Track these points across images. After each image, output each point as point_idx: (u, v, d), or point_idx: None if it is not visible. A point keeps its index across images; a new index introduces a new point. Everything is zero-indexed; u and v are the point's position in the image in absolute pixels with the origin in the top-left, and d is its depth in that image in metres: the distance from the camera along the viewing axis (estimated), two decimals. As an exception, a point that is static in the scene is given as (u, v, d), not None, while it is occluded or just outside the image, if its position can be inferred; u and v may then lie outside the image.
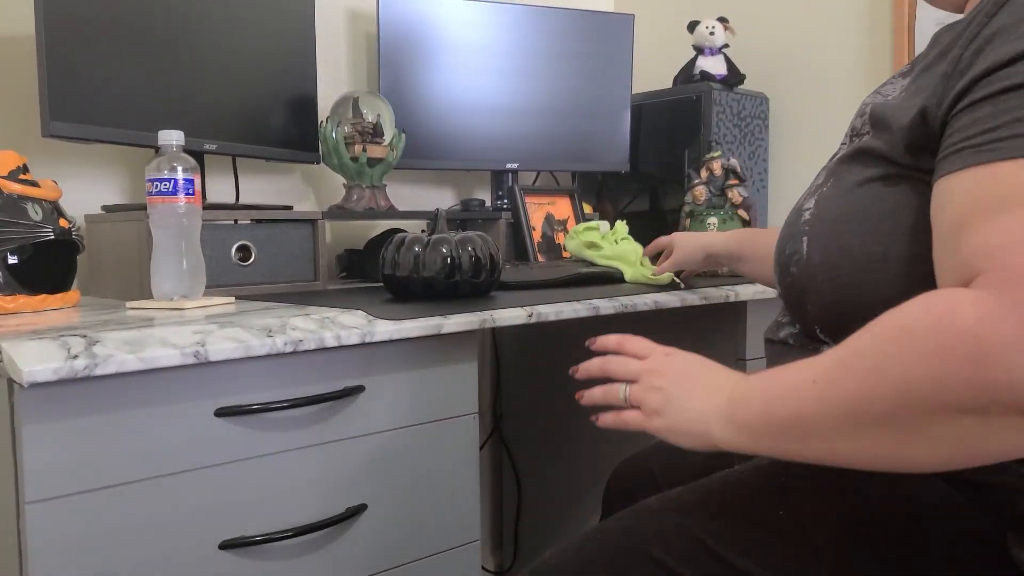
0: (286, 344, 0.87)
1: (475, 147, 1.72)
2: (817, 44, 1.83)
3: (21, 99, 1.29)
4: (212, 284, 1.14)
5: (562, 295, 1.15)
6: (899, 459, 0.55)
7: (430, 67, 1.65)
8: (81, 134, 1.13)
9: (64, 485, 0.77)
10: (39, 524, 0.76)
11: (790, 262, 0.74)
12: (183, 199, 1.00)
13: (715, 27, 1.79)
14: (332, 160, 1.46)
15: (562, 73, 1.79)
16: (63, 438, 0.77)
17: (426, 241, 1.07)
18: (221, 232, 1.19)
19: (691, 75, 1.80)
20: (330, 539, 0.95)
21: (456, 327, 0.99)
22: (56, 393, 0.76)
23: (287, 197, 1.63)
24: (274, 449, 0.90)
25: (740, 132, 1.80)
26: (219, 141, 1.31)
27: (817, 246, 0.71)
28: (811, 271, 0.71)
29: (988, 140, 0.56)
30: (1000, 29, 0.59)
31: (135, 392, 0.81)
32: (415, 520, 1.02)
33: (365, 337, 0.93)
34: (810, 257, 0.71)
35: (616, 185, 1.96)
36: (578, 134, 1.82)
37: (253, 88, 1.38)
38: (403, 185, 1.79)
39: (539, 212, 1.75)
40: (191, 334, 0.82)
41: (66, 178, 1.34)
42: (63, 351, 0.74)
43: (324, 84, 1.61)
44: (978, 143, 0.57)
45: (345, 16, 1.71)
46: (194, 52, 1.27)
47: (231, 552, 0.87)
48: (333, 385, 0.94)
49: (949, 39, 0.65)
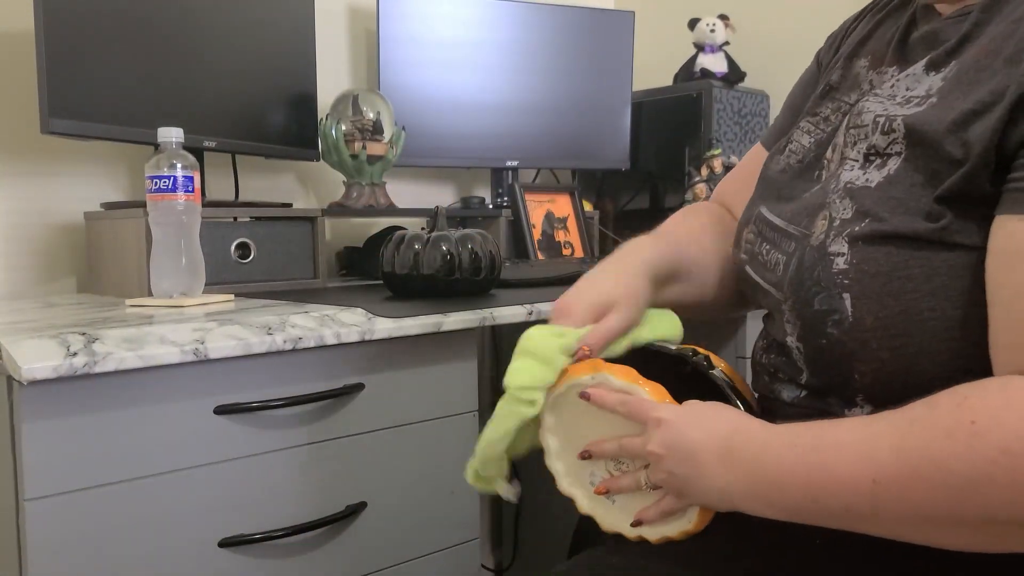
0: (285, 342, 0.87)
1: (475, 144, 1.72)
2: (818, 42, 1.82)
3: (20, 96, 1.29)
4: (211, 282, 1.14)
5: (562, 293, 1.14)
6: (958, 546, 0.52)
7: (430, 64, 1.65)
8: (80, 131, 1.12)
9: (63, 482, 0.77)
10: (38, 521, 0.76)
11: (825, 321, 0.62)
12: (182, 196, 1.00)
13: (716, 24, 1.79)
14: (332, 157, 1.46)
15: (562, 70, 1.79)
16: (62, 436, 0.76)
17: (426, 239, 1.07)
18: (220, 229, 1.19)
19: (691, 72, 1.80)
20: (330, 537, 0.95)
21: (456, 325, 0.99)
22: (55, 391, 0.76)
23: (286, 194, 1.63)
24: (274, 447, 0.90)
25: (741, 130, 1.80)
26: (218, 138, 1.31)
27: (868, 307, 0.59)
28: (862, 336, 0.59)
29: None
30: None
31: (134, 390, 0.80)
32: (415, 518, 1.02)
33: (365, 335, 0.92)
34: (859, 320, 0.59)
35: (616, 183, 1.96)
36: (578, 131, 1.82)
37: (253, 85, 1.37)
38: (403, 182, 1.79)
39: (539, 210, 1.75)
40: (190, 332, 0.82)
41: (65, 175, 1.34)
42: (62, 349, 0.74)
43: (324, 81, 1.60)
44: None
45: (345, 13, 1.71)
46: (194, 49, 1.27)
47: (231, 550, 0.87)
48: (333, 383, 0.94)
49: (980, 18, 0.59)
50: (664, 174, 1.85)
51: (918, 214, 0.58)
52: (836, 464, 0.53)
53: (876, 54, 0.75)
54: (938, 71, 0.64)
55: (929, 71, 0.65)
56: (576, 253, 1.75)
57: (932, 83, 0.63)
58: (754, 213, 0.76)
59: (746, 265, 0.76)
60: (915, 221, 0.57)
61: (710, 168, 1.58)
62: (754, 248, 0.74)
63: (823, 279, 0.61)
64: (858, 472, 0.51)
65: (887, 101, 0.66)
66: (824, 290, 0.61)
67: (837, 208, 0.64)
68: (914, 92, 0.64)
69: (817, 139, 0.75)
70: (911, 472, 0.50)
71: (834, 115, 0.75)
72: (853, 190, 0.63)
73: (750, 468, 0.57)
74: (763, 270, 0.72)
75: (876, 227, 0.59)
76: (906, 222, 0.58)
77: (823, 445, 0.54)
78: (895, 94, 0.67)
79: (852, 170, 0.65)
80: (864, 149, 0.65)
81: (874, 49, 0.76)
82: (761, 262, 0.72)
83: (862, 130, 0.67)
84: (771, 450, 0.57)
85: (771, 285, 0.70)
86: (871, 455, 0.51)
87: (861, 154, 0.66)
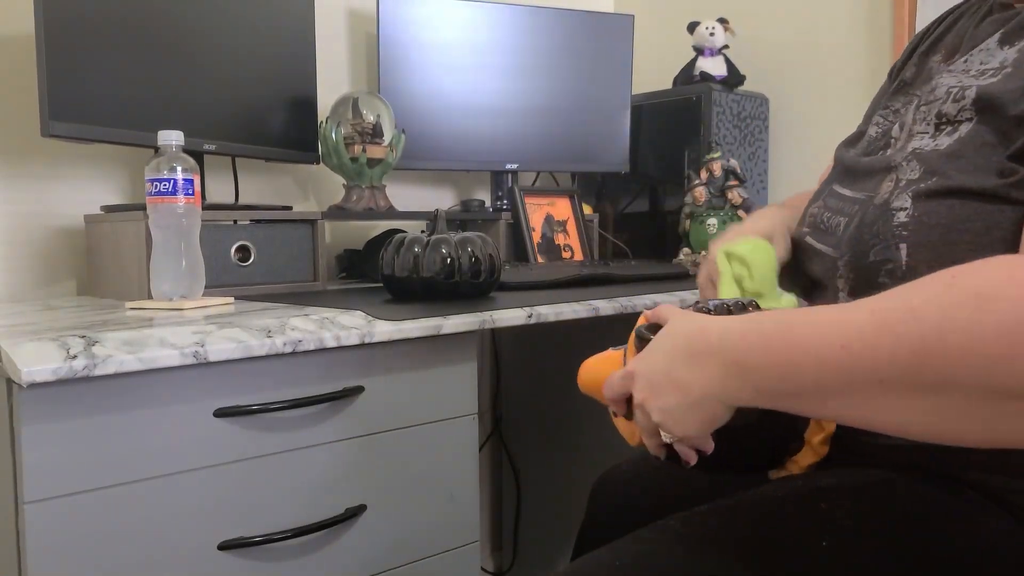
0: (285, 344, 0.87)
1: (475, 148, 1.72)
2: (817, 45, 1.83)
3: (21, 99, 1.29)
4: (211, 284, 1.14)
5: (562, 296, 1.15)
6: (929, 432, 0.49)
7: (430, 67, 1.65)
8: (80, 134, 1.12)
9: (63, 485, 0.77)
10: (38, 524, 0.75)
11: (879, 271, 0.63)
12: (182, 199, 1.00)
13: (715, 28, 1.79)
14: (332, 160, 1.46)
15: (562, 74, 1.79)
16: (62, 438, 0.76)
17: (426, 242, 1.07)
18: (220, 232, 1.19)
19: (691, 76, 1.80)
20: (329, 540, 0.95)
21: (456, 328, 0.99)
22: (55, 393, 0.76)
23: (286, 197, 1.63)
24: (273, 449, 0.90)
25: (740, 133, 1.80)
26: (218, 141, 1.31)
27: (923, 256, 0.60)
28: None
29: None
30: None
31: (134, 392, 0.80)
32: (414, 521, 1.02)
33: (364, 338, 0.92)
34: (912, 269, 0.60)
35: (616, 186, 1.96)
36: (578, 135, 1.82)
37: (253, 88, 1.38)
38: (403, 185, 1.79)
39: (539, 213, 1.75)
40: (190, 334, 0.82)
41: (65, 178, 1.34)
42: (62, 351, 0.74)
43: (324, 84, 1.61)
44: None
45: (345, 16, 1.71)
46: (194, 52, 1.27)
47: (230, 553, 0.87)
48: (332, 386, 0.94)
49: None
50: (664, 177, 1.85)
51: (989, 171, 0.58)
52: (805, 333, 0.52)
53: (949, 48, 0.75)
54: (1012, 45, 0.64)
55: (1003, 45, 0.65)
56: (576, 256, 1.75)
57: (1007, 56, 0.64)
58: (824, 191, 0.79)
59: (807, 236, 0.78)
60: (985, 178, 0.58)
61: (709, 171, 1.58)
62: (817, 220, 0.77)
63: (882, 232, 0.63)
64: (827, 340, 0.50)
65: (961, 75, 0.67)
66: (882, 242, 0.62)
67: (904, 170, 0.65)
68: (988, 65, 0.65)
69: (886, 129, 0.77)
70: (879, 325, 0.48)
71: (904, 108, 0.76)
72: (922, 154, 0.65)
73: (724, 360, 0.56)
74: (823, 236, 0.74)
75: (942, 183, 0.60)
76: (974, 178, 0.59)
77: (802, 322, 0.53)
78: (969, 68, 0.67)
79: (922, 139, 0.66)
80: (934, 119, 0.66)
81: (948, 44, 0.76)
82: (823, 229, 0.75)
83: (933, 105, 0.67)
84: (731, 335, 0.56)
85: (829, 247, 0.71)
86: (844, 321, 0.50)
87: (932, 124, 0.67)
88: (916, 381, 0.46)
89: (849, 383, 0.49)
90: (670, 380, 0.60)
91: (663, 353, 0.61)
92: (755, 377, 0.55)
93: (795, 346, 0.52)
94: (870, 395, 0.49)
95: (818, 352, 0.50)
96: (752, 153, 1.83)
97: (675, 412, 0.60)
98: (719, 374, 0.57)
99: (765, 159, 1.87)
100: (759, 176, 1.86)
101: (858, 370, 0.48)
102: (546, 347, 1.86)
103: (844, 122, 1.77)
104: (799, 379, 0.52)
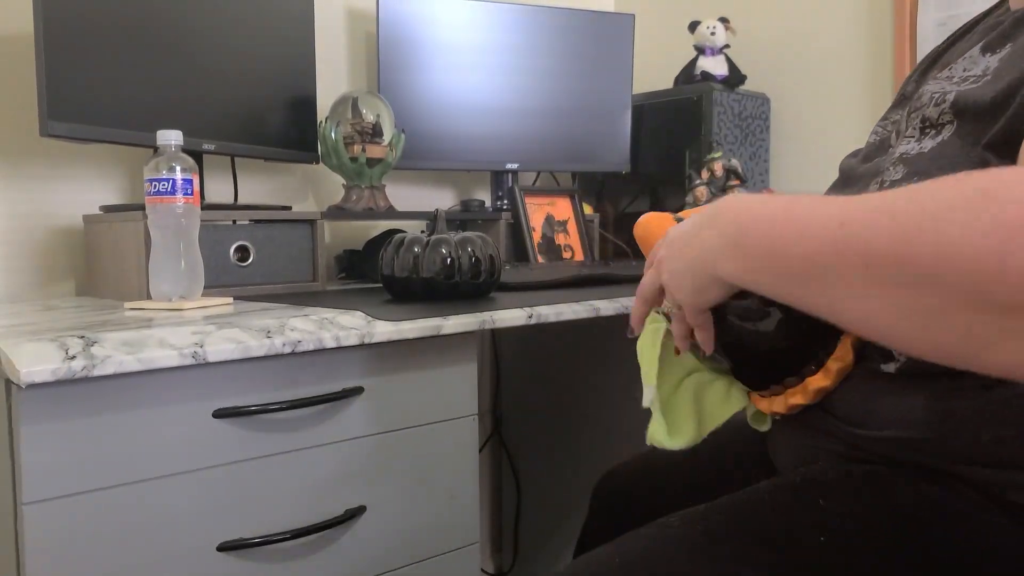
0: (284, 345, 0.87)
1: (475, 147, 1.71)
2: (818, 44, 1.82)
3: (19, 99, 1.29)
4: (210, 285, 1.14)
5: (562, 296, 1.14)
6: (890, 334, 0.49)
7: (430, 67, 1.65)
8: (79, 134, 1.12)
9: (62, 486, 0.76)
10: (37, 525, 0.75)
11: None
12: (181, 199, 1.00)
13: (716, 27, 1.79)
14: (331, 160, 1.46)
15: (562, 73, 1.79)
16: (61, 439, 0.76)
17: (425, 242, 1.07)
18: (219, 232, 1.19)
19: (692, 75, 1.80)
20: (329, 541, 0.95)
21: (456, 328, 0.98)
22: (54, 394, 0.75)
23: (286, 197, 1.63)
24: (273, 451, 0.90)
25: (741, 133, 1.80)
26: (217, 141, 1.30)
27: None
28: None
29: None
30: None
31: (133, 393, 0.80)
32: (414, 522, 1.02)
33: (364, 338, 0.92)
34: None
35: (616, 186, 1.96)
36: (578, 134, 1.82)
37: (252, 88, 1.37)
38: (402, 185, 1.79)
39: (539, 213, 1.74)
40: (189, 335, 0.82)
41: (64, 178, 1.34)
42: (61, 352, 0.74)
43: (323, 84, 1.60)
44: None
45: (344, 15, 1.71)
46: (193, 51, 1.27)
47: (229, 554, 0.87)
48: (332, 386, 0.94)
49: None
50: (664, 177, 1.85)
51: (968, 165, 0.60)
52: (811, 206, 0.52)
53: (946, 62, 0.77)
54: (994, 53, 0.66)
55: (985, 53, 0.67)
56: (576, 256, 1.74)
57: (989, 64, 0.65)
58: None
59: None
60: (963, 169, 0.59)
61: (711, 171, 1.58)
62: None
63: None
64: (828, 214, 0.50)
65: (945, 82, 0.69)
66: None
67: (890, 173, 0.68)
68: (971, 72, 0.67)
69: (884, 137, 0.79)
70: (878, 204, 0.48)
71: (900, 117, 0.78)
72: (908, 157, 0.68)
73: (725, 226, 0.59)
74: None
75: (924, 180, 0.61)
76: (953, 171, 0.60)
77: (811, 199, 0.53)
78: (952, 76, 0.69)
79: (908, 143, 0.69)
80: (919, 123, 0.69)
81: (947, 60, 0.78)
82: None
83: (919, 111, 0.70)
84: (768, 204, 0.57)
85: None
86: (848, 203, 0.50)
87: (916, 128, 0.69)
88: (900, 270, 0.46)
89: (836, 263, 0.49)
90: (685, 243, 0.65)
91: (693, 221, 0.65)
92: (746, 244, 0.57)
93: (795, 220, 0.53)
94: (849, 280, 0.49)
95: (816, 228, 0.51)
96: (753, 153, 1.83)
97: (676, 273, 0.66)
98: (717, 240, 0.60)
99: (766, 159, 1.87)
100: (760, 176, 1.86)
101: (849, 251, 0.48)
102: (546, 347, 1.86)
103: (845, 121, 1.77)
104: (786, 256, 0.53)
